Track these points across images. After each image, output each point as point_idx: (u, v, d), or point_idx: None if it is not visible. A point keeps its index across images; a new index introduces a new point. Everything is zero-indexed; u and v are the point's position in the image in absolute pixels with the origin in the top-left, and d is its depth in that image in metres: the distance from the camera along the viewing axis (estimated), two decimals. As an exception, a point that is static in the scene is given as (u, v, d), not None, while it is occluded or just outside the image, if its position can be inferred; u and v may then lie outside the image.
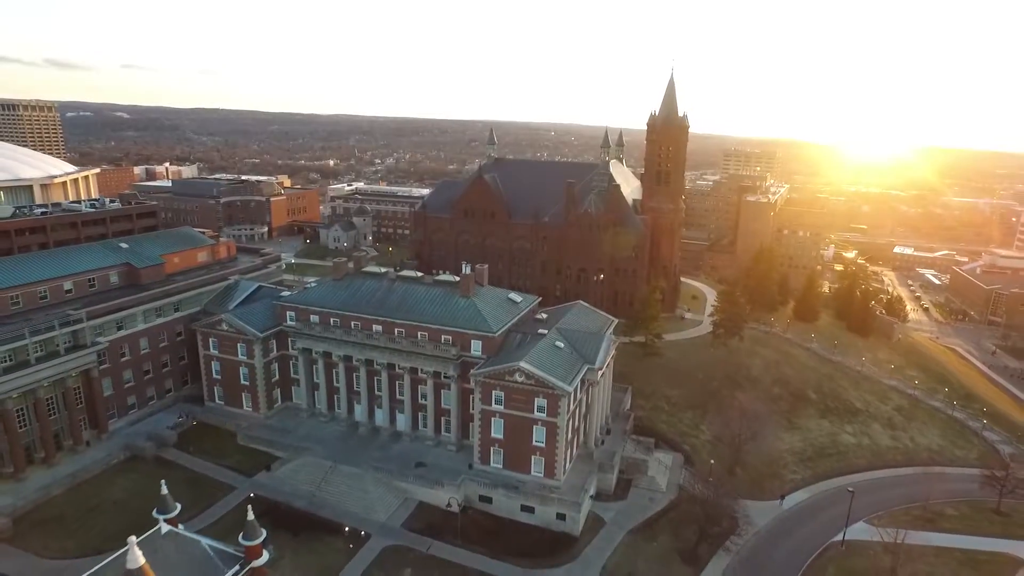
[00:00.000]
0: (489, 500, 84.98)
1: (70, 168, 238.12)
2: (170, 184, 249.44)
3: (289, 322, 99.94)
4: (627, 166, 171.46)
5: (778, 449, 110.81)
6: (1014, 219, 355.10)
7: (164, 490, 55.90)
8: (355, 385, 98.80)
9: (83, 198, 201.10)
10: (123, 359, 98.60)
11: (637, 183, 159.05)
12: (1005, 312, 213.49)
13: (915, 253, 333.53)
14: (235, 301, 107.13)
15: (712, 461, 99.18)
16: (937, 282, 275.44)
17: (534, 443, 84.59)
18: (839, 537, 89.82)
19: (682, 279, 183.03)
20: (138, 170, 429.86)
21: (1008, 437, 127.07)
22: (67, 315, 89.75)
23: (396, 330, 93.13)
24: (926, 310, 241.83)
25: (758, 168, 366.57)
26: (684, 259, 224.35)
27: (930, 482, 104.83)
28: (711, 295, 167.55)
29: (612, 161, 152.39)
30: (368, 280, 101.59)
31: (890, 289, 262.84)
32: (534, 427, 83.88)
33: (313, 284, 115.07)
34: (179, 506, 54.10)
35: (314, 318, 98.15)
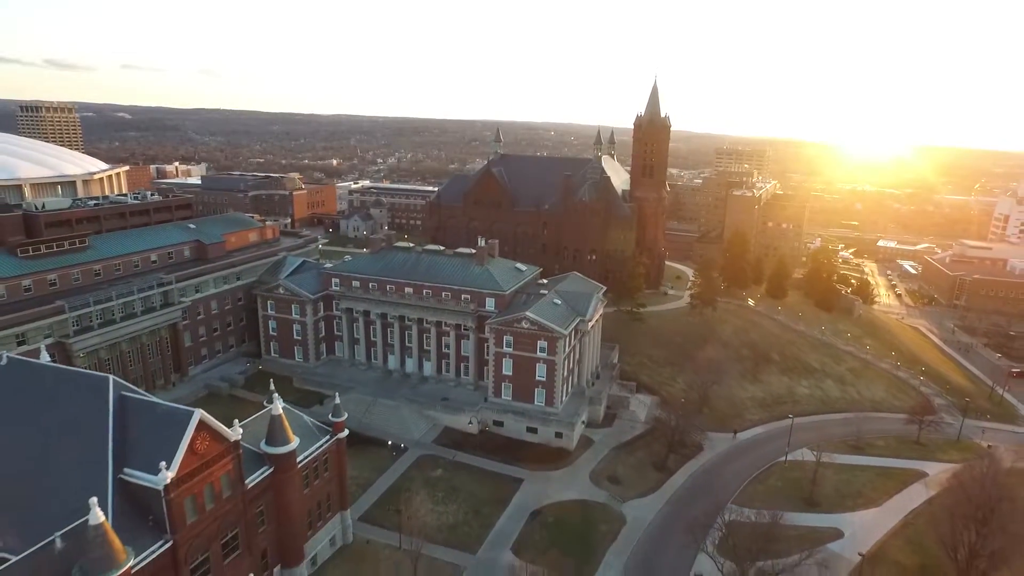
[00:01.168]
0: (501, 424, 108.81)
1: (104, 166, 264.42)
2: (199, 180, 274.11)
3: (334, 287, 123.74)
4: (618, 161, 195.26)
5: (741, 397, 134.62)
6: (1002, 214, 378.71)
7: (272, 387, 79.86)
8: (389, 338, 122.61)
9: (115, 192, 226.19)
10: (199, 317, 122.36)
11: (626, 175, 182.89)
12: (966, 296, 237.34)
13: (897, 246, 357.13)
14: (285, 272, 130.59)
15: (683, 400, 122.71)
16: (913, 271, 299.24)
17: (537, 378, 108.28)
18: (783, 458, 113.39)
19: (673, 265, 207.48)
20: (151, 169, 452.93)
21: (939, 391, 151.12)
22: (161, 278, 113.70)
23: (424, 291, 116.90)
24: (899, 295, 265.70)
25: (746, 165, 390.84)
26: (675, 248, 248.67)
27: (867, 422, 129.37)
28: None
29: (604, 157, 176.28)
30: (399, 253, 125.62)
31: (868, 276, 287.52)
32: (537, 365, 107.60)
33: (350, 258, 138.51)
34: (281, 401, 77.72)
35: (355, 283, 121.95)
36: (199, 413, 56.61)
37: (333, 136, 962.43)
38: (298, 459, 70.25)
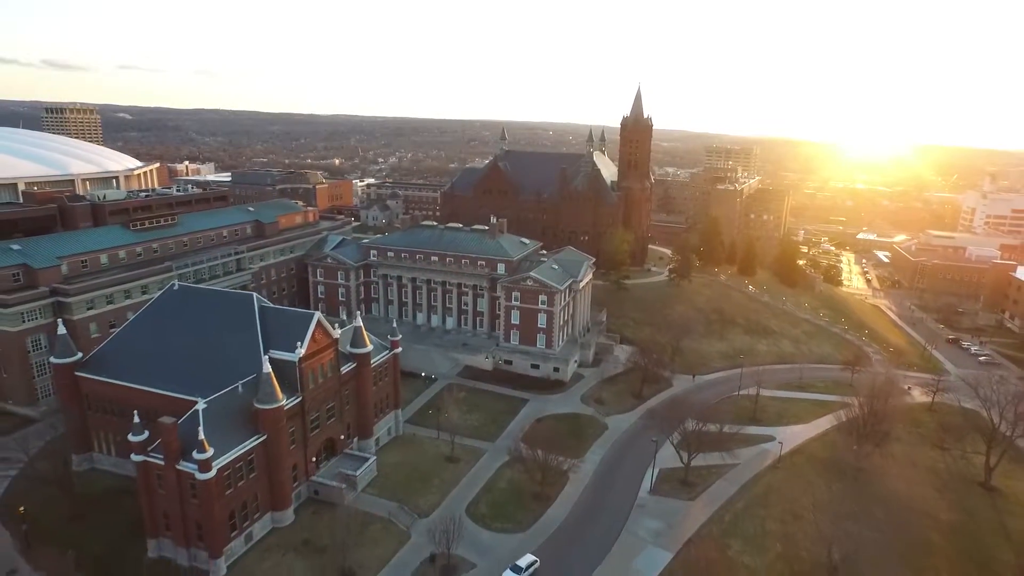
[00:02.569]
0: (510, 362, 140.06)
1: (138, 163, 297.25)
2: (228, 176, 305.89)
3: (372, 257, 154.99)
4: (608, 156, 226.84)
5: (708, 350, 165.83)
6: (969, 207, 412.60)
7: (345, 316, 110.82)
8: (418, 299, 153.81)
9: (151, 187, 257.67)
10: (262, 281, 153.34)
11: (615, 168, 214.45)
12: (927, 279, 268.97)
13: (876, 238, 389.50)
14: (330, 246, 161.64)
15: (656, 348, 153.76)
16: (886, 260, 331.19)
17: (539, 326, 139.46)
18: (737, 392, 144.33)
19: (660, 249, 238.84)
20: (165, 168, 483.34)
21: (878, 349, 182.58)
22: (237, 248, 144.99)
23: (447, 259, 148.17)
24: (868, 280, 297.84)
25: (730, 162, 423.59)
26: (665, 238, 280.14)
27: (812, 371, 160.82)
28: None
29: (596, 152, 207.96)
30: (426, 229, 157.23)
31: (843, 264, 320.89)
32: (539, 315, 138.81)
33: (379, 237, 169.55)
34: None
35: (390, 254, 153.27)
36: (318, 314, 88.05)
37: (333, 136, 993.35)
38: (371, 361, 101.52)
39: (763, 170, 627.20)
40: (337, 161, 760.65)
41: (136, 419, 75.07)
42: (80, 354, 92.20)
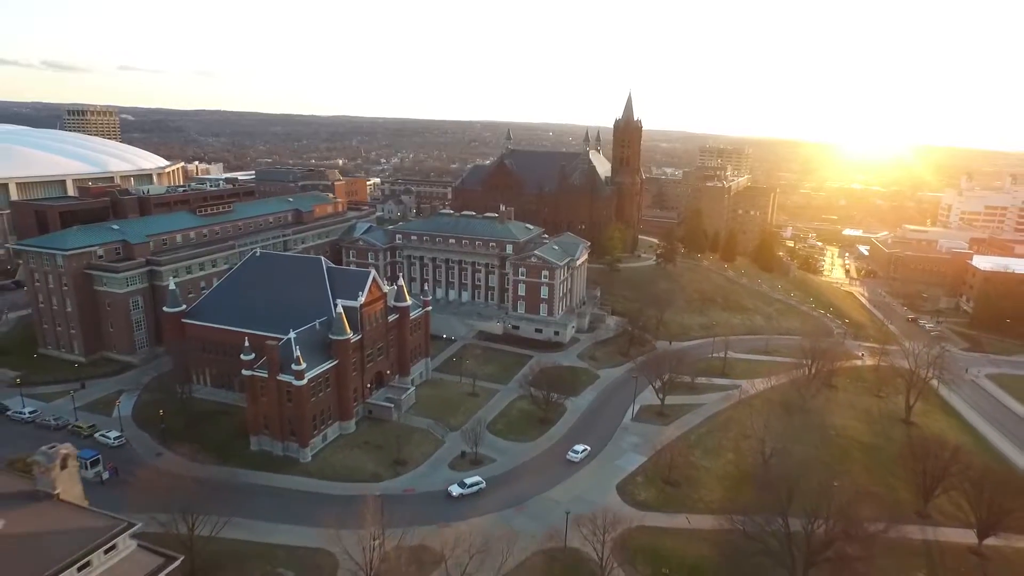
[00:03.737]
0: (517, 327, 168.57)
1: (167, 162, 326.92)
2: (253, 174, 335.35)
3: (398, 240, 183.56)
4: (603, 155, 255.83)
5: (689, 323, 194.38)
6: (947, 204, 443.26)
7: (399, 278, 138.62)
8: (437, 276, 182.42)
9: (182, 183, 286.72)
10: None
11: (609, 165, 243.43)
12: (899, 269, 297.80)
13: (861, 234, 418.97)
14: (359, 231, 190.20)
15: (642, 319, 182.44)
16: (866, 253, 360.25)
17: (541, 297, 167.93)
18: (711, 354, 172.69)
19: (651, 239, 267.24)
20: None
21: (840, 323, 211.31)
22: (282, 233, 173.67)
23: (463, 242, 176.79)
24: (847, 271, 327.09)
25: (719, 160, 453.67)
26: (658, 231, 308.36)
27: (778, 340, 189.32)
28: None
29: (591, 151, 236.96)
30: (444, 216, 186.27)
31: (826, 256, 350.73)
32: (541, 288, 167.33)
33: (403, 224, 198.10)
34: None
35: (413, 238, 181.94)
36: (373, 272, 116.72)
37: (334, 137, 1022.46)
38: (409, 314, 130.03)
39: (759, 169, 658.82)
40: (341, 161, 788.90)
41: (247, 343, 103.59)
42: (184, 305, 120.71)
